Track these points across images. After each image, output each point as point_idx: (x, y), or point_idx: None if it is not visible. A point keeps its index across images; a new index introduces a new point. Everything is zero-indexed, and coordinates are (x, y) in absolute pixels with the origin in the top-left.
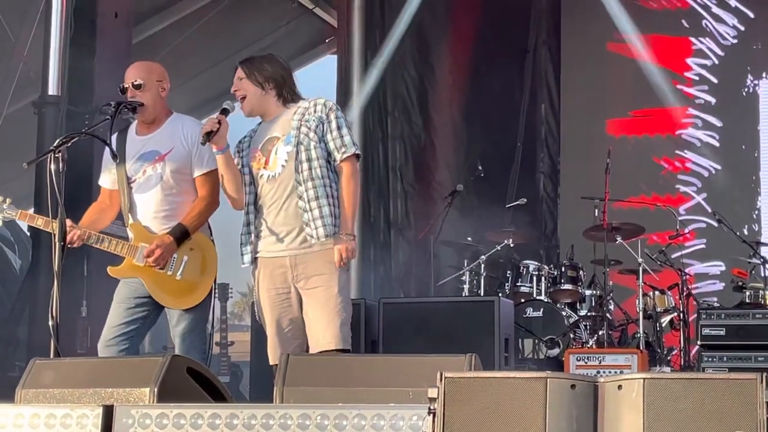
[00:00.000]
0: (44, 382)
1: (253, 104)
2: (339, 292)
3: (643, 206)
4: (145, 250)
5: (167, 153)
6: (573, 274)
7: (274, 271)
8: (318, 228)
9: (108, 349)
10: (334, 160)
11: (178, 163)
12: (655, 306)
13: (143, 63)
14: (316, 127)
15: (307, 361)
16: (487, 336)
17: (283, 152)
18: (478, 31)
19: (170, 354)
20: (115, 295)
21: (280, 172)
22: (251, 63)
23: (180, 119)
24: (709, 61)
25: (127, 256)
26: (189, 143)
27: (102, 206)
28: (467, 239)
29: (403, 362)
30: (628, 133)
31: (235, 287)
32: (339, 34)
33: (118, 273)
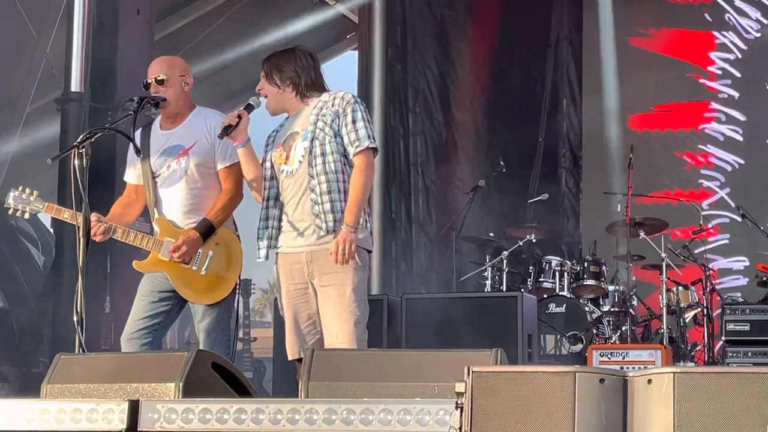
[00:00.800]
0: (70, 377)
1: (273, 104)
2: (353, 291)
3: (666, 201)
4: (170, 246)
5: (191, 147)
6: (596, 269)
7: (292, 267)
8: (328, 222)
9: (131, 342)
10: (349, 154)
11: (201, 156)
12: (678, 301)
13: (165, 58)
14: (332, 121)
15: (332, 355)
16: (510, 332)
17: (300, 147)
18: (499, 27)
19: (195, 349)
20: (138, 289)
21: (297, 168)
22: (270, 62)
23: (203, 113)
24: (732, 55)
25: (153, 250)
26: (212, 136)
27: (127, 201)
28: (489, 235)
29: (429, 357)
30: (650, 128)
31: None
32: (360, 30)
33: (143, 267)
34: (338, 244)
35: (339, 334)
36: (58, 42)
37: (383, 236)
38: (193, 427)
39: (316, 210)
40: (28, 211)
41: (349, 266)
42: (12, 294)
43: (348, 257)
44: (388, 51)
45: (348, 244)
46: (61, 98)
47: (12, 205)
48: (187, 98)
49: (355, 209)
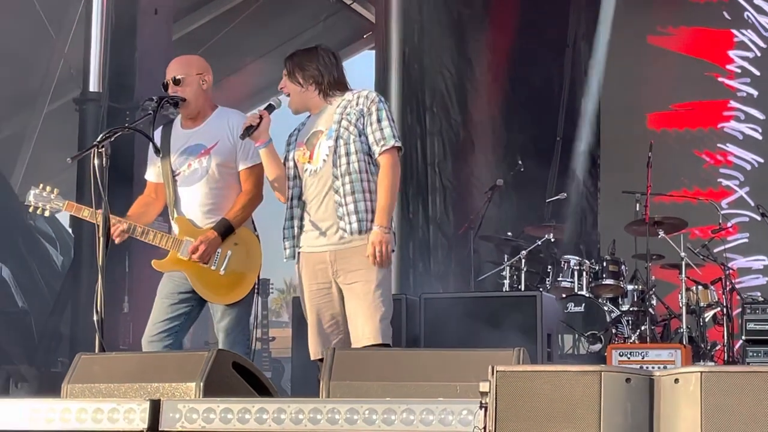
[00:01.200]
0: (90, 377)
1: (296, 102)
2: (377, 287)
3: (684, 200)
4: (189, 246)
5: (212, 147)
6: (615, 268)
7: (316, 267)
8: (352, 223)
9: (152, 344)
10: (374, 153)
11: (223, 156)
12: (698, 301)
13: (182, 57)
14: (356, 120)
15: (354, 355)
16: (529, 331)
17: (325, 146)
18: (517, 26)
19: (216, 348)
20: (158, 290)
21: (321, 167)
22: (292, 60)
23: (225, 113)
24: (752, 54)
25: (172, 249)
26: (234, 136)
27: (147, 200)
28: (507, 234)
29: (451, 356)
30: (669, 127)
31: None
32: (377, 30)
33: (162, 266)
34: (374, 246)
35: (365, 331)
36: (77, 42)
37: (401, 236)
38: (214, 427)
39: (340, 212)
40: (48, 209)
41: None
42: (31, 294)
43: (384, 258)
44: (405, 50)
45: (384, 245)
46: (79, 98)
47: (32, 203)
48: (207, 97)
49: (386, 210)
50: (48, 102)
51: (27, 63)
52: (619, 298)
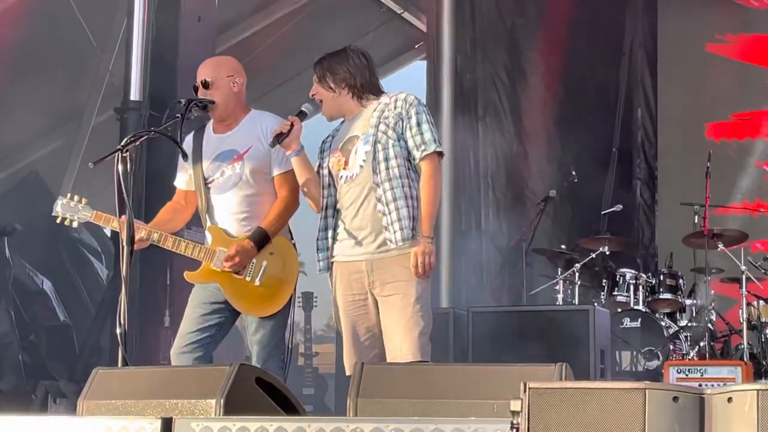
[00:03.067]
0: (107, 392)
1: (330, 108)
2: (417, 300)
3: (745, 212)
4: (224, 256)
5: (245, 152)
6: (672, 282)
7: (351, 276)
8: (396, 231)
9: (182, 356)
10: (414, 158)
11: (257, 162)
12: (759, 316)
13: (212, 59)
14: (395, 124)
15: (383, 370)
16: (582, 347)
17: (362, 152)
18: (571, 34)
19: (238, 363)
20: (190, 300)
21: (358, 173)
22: (321, 65)
23: (259, 116)
24: None
25: (205, 260)
26: (268, 141)
27: (176, 207)
28: (561, 247)
29: (487, 372)
30: (728, 137)
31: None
32: (428, 40)
33: (195, 278)
34: (418, 256)
35: (404, 347)
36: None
37: (452, 249)
38: None
39: (384, 221)
40: (77, 219)
41: (412, 274)
42: (74, 308)
43: (429, 269)
44: (457, 60)
45: (429, 256)
46: (120, 107)
47: (60, 214)
48: (239, 99)
49: (430, 219)
50: (95, 114)
51: (73, 76)
52: (677, 313)
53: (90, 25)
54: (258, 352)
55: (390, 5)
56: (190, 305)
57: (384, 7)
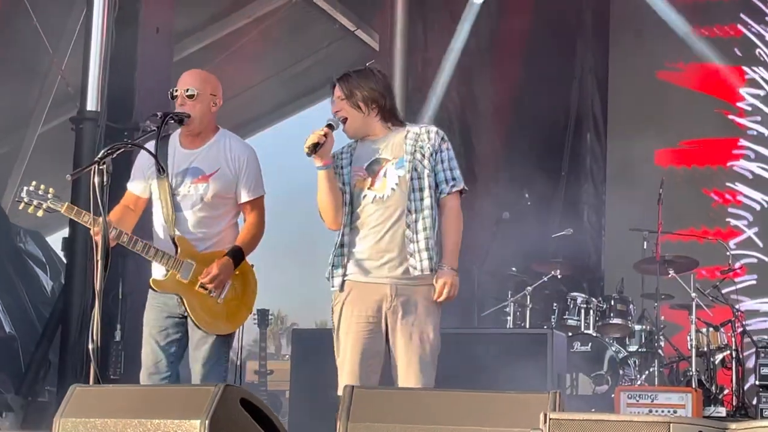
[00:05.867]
0: (85, 410)
1: (356, 127)
2: (436, 335)
3: (691, 239)
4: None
5: (212, 174)
6: (623, 308)
7: (370, 297)
8: (423, 260)
9: (151, 377)
10: (441, 192)
11: (221, 185)
12: (708, 343)
13: (200, 72)
14: (430, 155)
15: (374, 394)
16: (538, 371)
17: (393, 175)
18: (524, 57)
19: (224, 384)
20: (145, 321)
21: (389, 195)
22: (349, 82)
23: (227, 138)
24: (763, 92)
25: (172, 269)
26: (236, 166)
27: (125, 210)
28: (512, 270)
29: (480, 398)
30: (677, 164)
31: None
32: (380, 58)
33: (162, 286)
34: (446, 286)
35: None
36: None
37: None
38: None
39: (411, 248)
40: (44, 207)
41: (433, 305)
42: (19, 320)
43: (451, 299)
44: (408, 79)
45: (454, 287)
46: (76, 117)
47: (25, 199)
48: (213, 118)
49: (456, 251)
50: (43, 121)
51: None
52: (626, 338)
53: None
54: (198, 370)
55: (343, 22)
56: (145, 328)
57: (337, 24)
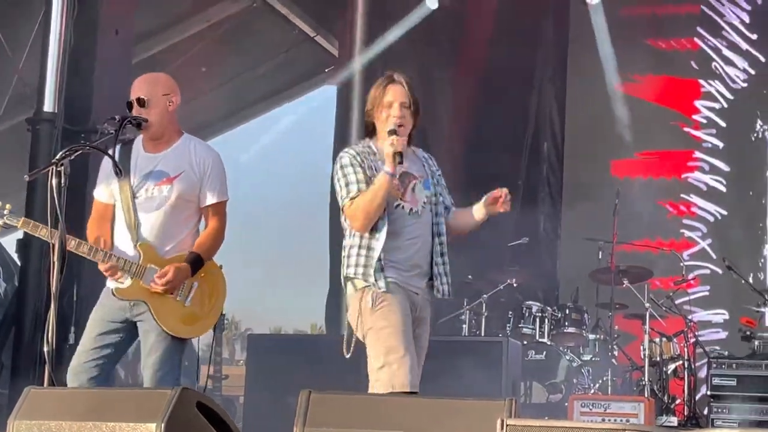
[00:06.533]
0: (40, 413)
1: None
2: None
3: (646, 250)
4: (158, 274)
5: (176, 177)
6: (577, 317)
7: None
8: (444, 285)
9: (78, 375)
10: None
11: (186, 188)
12: (661, 353)
13: (149, 76)
14: (437, 182)
15: (332, 399)
16: (493, 379)
17: (422, 194)
18: (484, 66)
19: (180, 387)
20: (90, 319)
21: (422, 212)
22: (415, 99)
23: (191, 142)
24: (718, 105)
25: (134, 277)
26: (200, 169)
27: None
28: (468, 277)
29: (435, 404)
30: (632, 175)
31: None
32: (340, 64)
33: (125, 294)
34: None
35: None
36: (32, 59)
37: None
38: None
39: (435, 270)
40: (1, 224)
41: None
42: None
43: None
44: (367, 85)
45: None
46: (32, 118)
47: None
48: (173, 119)
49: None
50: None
51: None
52: (580, 348)
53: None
54: (150, 376)
55: (303, 28)
56: (89, 323)
57: (297, 30)
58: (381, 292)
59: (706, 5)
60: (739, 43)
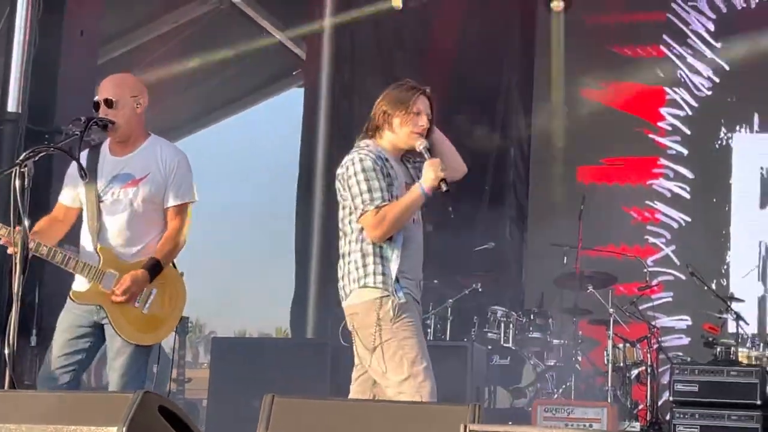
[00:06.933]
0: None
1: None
2: None
3: (610, 256)
4: (114, 279)
5: (142, 179)
6: (542, 322)
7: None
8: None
9: (48, 381)
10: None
11: (152, 190)
12: (625, 358)
13: (117, 77)
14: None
15: (294, 404)
16: (458, 384)
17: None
18: (451, 70)
19: (142, 391)
20: (57, 324)
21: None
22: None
23: (158, 143)
24: (683, 112)
25: (93, 281)
26: (166, 171)
27: (52, 221)
28: (433, 282)
29: (399, 409)
30: (598, 181)
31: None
32: (307, 68)
33: (83, 298)
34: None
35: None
36: None
37: (321, 280)
38: None
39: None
40: None
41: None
42: None
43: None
44: (335, 89)
45: None
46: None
47: None
48: (140, 121)
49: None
50: None
51: None
52: (545, 353)
53: None
54: (116, 380)
55: (270, 30)
56: (57, 329)
57: (264, 32)
58: (401, 303)
59: (671, 13)
60: (704, 51)
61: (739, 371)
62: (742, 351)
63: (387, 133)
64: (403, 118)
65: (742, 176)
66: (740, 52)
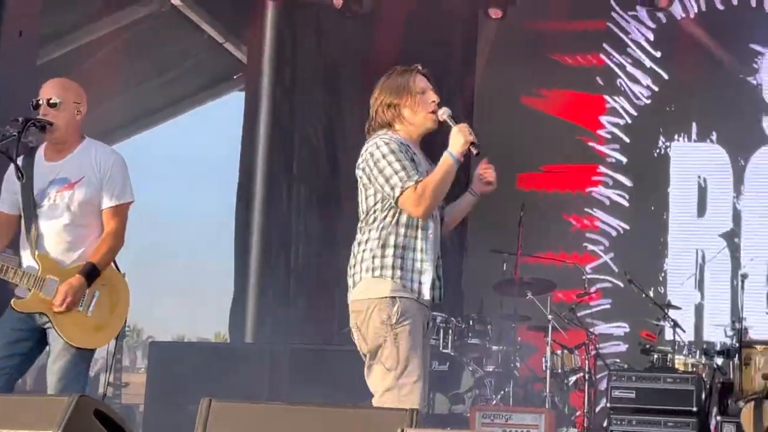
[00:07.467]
0: None
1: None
2: None
3: (550, 262)
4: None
5: (77, 181)
6: (481, 328)
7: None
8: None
9: None
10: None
11: (87, 192)
12: (563, 365)
13: (61, 80)
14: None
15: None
16: None
17: None
18: None
19: (77, 394)
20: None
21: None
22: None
23: (92, 146)
24: (622, 120)
25: (33, 288)
26: (101, 172)
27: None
28: None
29: (337, 413)
30: (538, 188)
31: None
32: (248, 71)
33: (25, 306)
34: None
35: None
36: None
37: (260, 284)
38: None
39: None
40: None
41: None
42: None
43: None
44: (276, 93)
45: None
46: None
47: None
48: (78, 127)
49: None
50: None
51: None
52: (483, 359)
53: None
54: (54, 383)
55: (212, 34)
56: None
57: (206, 35)
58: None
59: (611, 22)
60: (644, 60)
61: (676, 378)
62: (678, 358)
63: (398, 126)
64: (411, 104)
65: (679, 185)
66: (679, 61)
